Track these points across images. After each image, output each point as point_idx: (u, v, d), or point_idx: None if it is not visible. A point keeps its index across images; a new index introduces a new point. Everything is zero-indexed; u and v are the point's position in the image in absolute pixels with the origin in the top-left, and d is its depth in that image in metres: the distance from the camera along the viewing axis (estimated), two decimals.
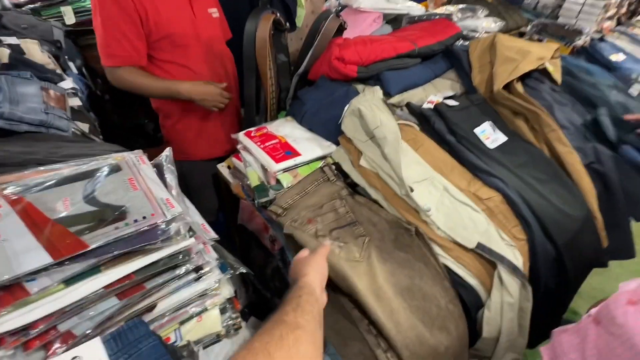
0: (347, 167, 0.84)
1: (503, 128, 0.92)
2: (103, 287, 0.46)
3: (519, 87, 0.95)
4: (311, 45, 1.05)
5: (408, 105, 0.97)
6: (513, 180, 0.76)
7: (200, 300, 0.61)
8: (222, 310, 0.65)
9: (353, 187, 0.84)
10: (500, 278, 0.63)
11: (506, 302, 0.63)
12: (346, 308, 0.64)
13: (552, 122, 0.86)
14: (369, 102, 0.81)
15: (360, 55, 0.98)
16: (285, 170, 0.85)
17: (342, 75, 0.98)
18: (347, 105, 0.84)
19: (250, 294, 1.44)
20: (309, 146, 0.91)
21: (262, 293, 1.35)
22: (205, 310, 0.62)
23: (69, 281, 0.43)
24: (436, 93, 1.05)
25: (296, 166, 0.86)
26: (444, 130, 0.86)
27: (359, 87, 1.01)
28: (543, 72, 1.04)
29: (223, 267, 0.64)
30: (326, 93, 1.00)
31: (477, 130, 0.88)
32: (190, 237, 0.53)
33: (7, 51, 0.86)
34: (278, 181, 0.84)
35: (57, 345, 0.45)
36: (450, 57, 1.14)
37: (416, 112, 0.93)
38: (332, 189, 0.81)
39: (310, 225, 0.74)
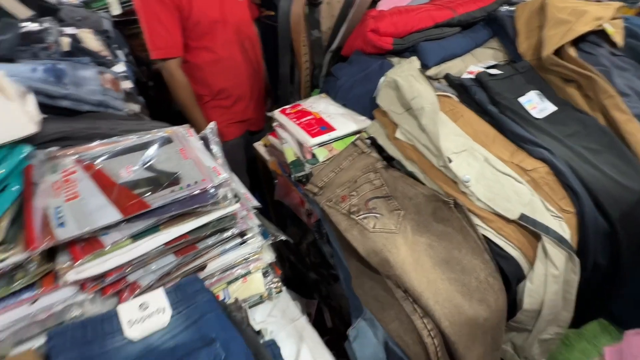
0: (383, 140, 0.83)
1: (552, 97, 0.86)
2: (163, 244, 0.51)
3: (572, 51, 0.87)
4: (344, 20, 1.04)
5: (447, 76, 0.93)
6: (561, 150, 0.72)
7: (244, 263, 0.66)
8: (265, 274, 0.69)
9: (389, 162, 0.84)
10: (544, 249, 0.61)
11: (550, 274, 0.61)
12: (382, 276, 0.65)
13: (610, 88, 0.79)
14: (405, 73, 0.80)
15: (396, 26, 0.95)
16: (321, 144, 0.86)
17: (376, 48, 0.96)
18: (382, 78, 0.83)
19: (286, 269, 1.51)
20: (344, 121, 0.92)
21: (297, 268, 1.41)
22: (249, 273, 0.67)
23: (135, 237, 0.49)
24: (476, 63, 1.00)
25: (331, 141, 0.87)
26: (485, 101, 0.82)
27: (394, 60, 0.99)
28: (601, 35, 0.95)
29: (265, 234, 0.69)
30: (360, 68, 0.99)
31: (522, 100, 0.83)
32: (236, 202, 0.57)
33: (68, 40, 0.94)
34: (314, 155, 0.86)
35: (126, 293, 0.51)
36: (493, 23, 1.07)
37: (455, 83, 0.89)
38: (367, 161, 0.81)
39: (343, 203, 0.75)
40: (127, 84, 0.94)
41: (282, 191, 1.07)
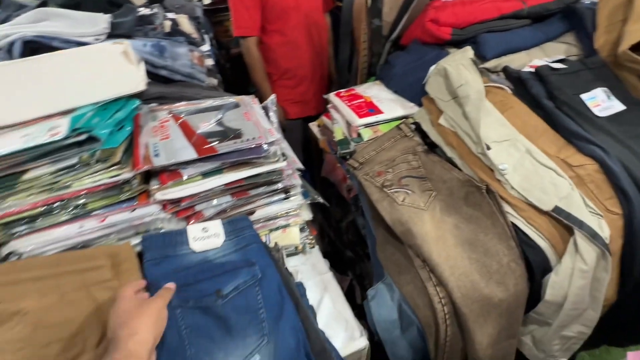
0: (427, 126, 0.87)
1: (622, 96, 0.80)
2: (223, 185, 0.64)
3: None
4: (407, 9, 1.08)
5: (504, 69, 0.92)
6: (618, 149, 0.68)
7: (285, 216, 0.77)
8: (301, 230, 0.80)
9: (431, 148, 0.87)
10: (575, 244, 0.61)
11: (578, 269, 0.60)
12: (404, 245, 0.71)
13: None
14: (456, 61, 0.82)
15: (457, 16, 0.96)
16: (367, 125, 0.93)
17: (434, 38, 0.99)
18: (434, 66, 0.86)
19: (325, 244, 1.61)
20: (392, 106, 0.97)
21: (335, 245, 1.50)
22: (288, 225, 0.78)
23: (205, 174, 0.62)
24: (543, 58, 0.96)
25: (377, 123, 0.93)
26: (541, 95, 0.81)
27: (452, 50, 1.00)
28: None
29: (305, 194, 0.79)
30: (416, 56, 1.03)
31: (584, 96, 0.80)
32: (283, 161, 0.68)
33: (169, 23, 1.14)
34: (359, 135, 0.93)
35: (192, 219, 0.65)
36: (570, 16, 1.00)
37: (512, 75, 0.88)
38: (408, 144, 0.86)
39: (378, 177, 0.81)
40: (210, 62, 1.12)
41: (329, 168, 1.16)
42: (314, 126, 1.27)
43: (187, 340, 0.47)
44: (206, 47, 1.12)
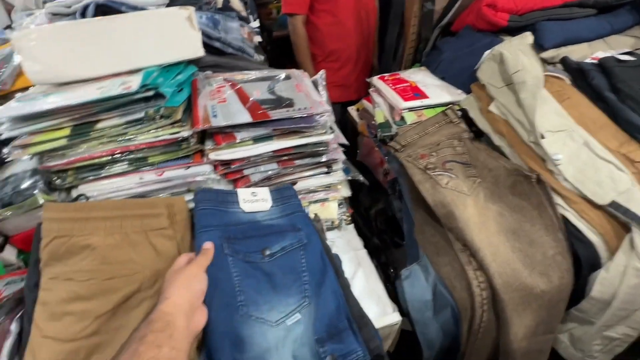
0: (474, 113, 0.85)
1: None
2: (272, 151, 0.66)
3: None
4: None
5: (563, 59, 0.87)
6: None
7: (325, 190, 0.78)
8: (339, 205, 0.81)
9: (477, 136, 0.85)
10: (631, 241, 0.58)
11: (632, 267, 0.57)
12: (443, 228, 0.70)
13: None
14: (514, 47, 0.79)
15: (516, 2, 0.92)
16: (411, 109, 0.92)
17: (490, 24, 0.95)
18: (488, 51, 0.84)
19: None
20: (438, 92, 0.95)
21: (362, 232, 1.50)
22: (327, 200, 0.79)
23: (255, 140, 0.65)
24: (607, 50, 0.90)
25: (422, 107, 0.92)
26: (603, 87, 0.76)
27: (505, 38, 0.96)
28: None
29: (347, 171, 0.79)
30: (468, 42, 1.00)
31: None
32: (331, 133, 0.69)
33: (221, 0, 1.18)
34: (402, 118, 0.93)
35: (240, 183, 0.68)
36: None
37: (572, 67, 0.84)
38: (454, 130, 0.84)
39: (422, 160, 0.81)
40: (257, 38, 1.14)
41: (365, 151, 1.16)
42: (352, 110, 1.28)
43: (239, 287, 0.50)
44: (256, 24, 1.14)
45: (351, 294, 0.56)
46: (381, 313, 0.67)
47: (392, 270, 1.03)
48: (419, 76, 1.05)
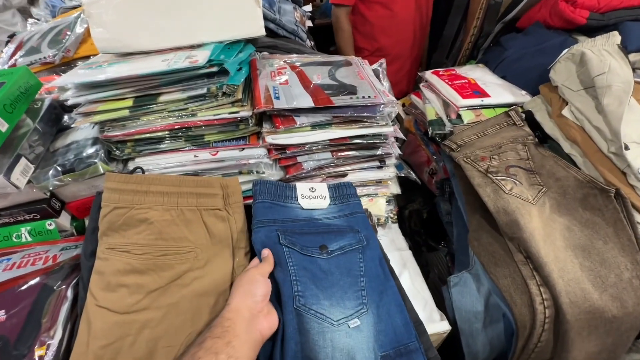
0: (542, 117, 0.79)
1: None
2: (329, 140, 0.63)
3: None
4: None
5: None
6: None
7: (376, 185, 0.75)
8: (387, 202, 0.78)
9: (540, 141, 0.79)
10: None
11: None
12: (503, 237, 0.66)
13: None
14: (598, 47, 0.72)
15: None
16: (470, 108, 0.87)
17: (565, 21, 0.87)
18: (565, 50, 0.77)
19: None
20: (500, 91, 0.89)
21: None
22: (376, 195, 0.76)
23: (314, 126, 0.62)
24: None
25: (482, 106, 0.87)
26: None
27: (581, 38, 0.88)
28: None
29: (399, 167, 0.76)
30: (536, 40, 0.92)
31: None
32: (392, 125, 0.65)
33: None
34: (459, 116, 0.87)
35: (292, 169, 0.66)
36: None
37: None
38: (516, 133, 0.79)
39: (482, 162, 0.75)
40: (309, 23, 1.11)
41: (410, 149, 1.11)
42: (397, 105, 1.23)
43: (295, 276, 0.47)
44: (308, 8, 1.11)
45: (408, 300, 0.53)
46: (428, 319, 0.64)
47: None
48: (477, 73, 0.99)
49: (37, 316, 0.49)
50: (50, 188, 0.56)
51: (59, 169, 0.56)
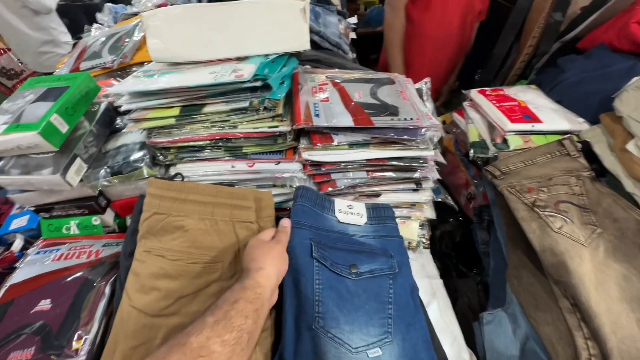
0: (601, 149, 0.72)
1: None
2: (365, 160, 0.62)
3: None
4: (600, 7, 0.89)
5: None
6: None
7: (409, 208, 0.72)
8: (420, 226, 0.75)
9: (597, 176, 0.72)
10: None
11: None
12: (547, 278, 0.60)
13: None
14: None
15: None
16: (519, 133, 0.81)
17: (636, 44, 0.80)
18: (636, 78, 0.70)
19: None
20: (554, 117, 0.83)
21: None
22: (409, 218, 0.73)
23: (352, 145, 0.61)
24: None
25: (532, 132, 0.81)
26: None
27: None
28: None
29: (437, 191, 0.73)
30: (600, 64, 0.85)
31: None
32: (434, 149, 0.62)
33: None
34: (505, 141, 0.82)
35: (326, 186, 0.65)
36: None
37: None
38: (570, 164, 0.72)
39: (528, 194, 0.70)
40: (352, 35, 1.10)
41: (447, 169, 1.06)
42: None
43: (318, 296, 0.47)
44: (353, 20, 1.10)
45: (436, 336, 0.50)
46: (456, 357, 0.60)
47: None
48: (528, 95, 0.92)
49: (78, 310, 0.52)
50: (99, 188, 0.60)
51: (108, 170, 0.59)
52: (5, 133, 0.52)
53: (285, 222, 0.52)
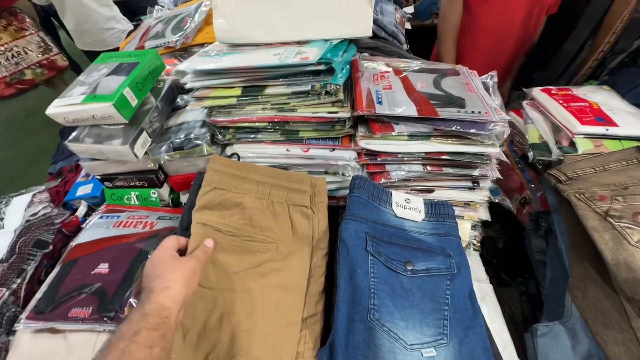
0: None
1: None
2: (424, 152, 0.60)
3: None
4: None
5: None
6: None
7: (463, 207, 0.69)
8: (473, 227, 0.71)
9: None
10: None
11: None
12: (617, 295, 0.55)
13: None
14: None
15: None
16: (589, 136, 0.75)
17: None
18: None
19: None
20: (632, 121, 0.75)
21: None
22: (462, 217, 0.70)
23: (412, 136, 0.59)
24: None
25: (606, 136, 0.74)
26: None
27: None
28: None
29: (495, 192, 0.69)
30: None
31: None
32: (500, 146, 0.59)
33: None
34: (572, 144, 0.76)
35: (379, 176, 0.63)
36: None
37: None
38: None
39: (601, 203, 0.64)
40: (407, 25, 1.06)
41: (500, 171, 1.01)
42: None
43: (374, 289, 0.46)
44: (409, 9, 1.06)
45: (495, 344, 0.48)
46: None
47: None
48: (600, 97, 0.85)
49: (130, 278, 0.55)
50: (161, 162, 0.62)
51: (171, 145, 0.61)
52: (84, 103, 0.55)
53: (209, 242, 0.49)
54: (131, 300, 0.52)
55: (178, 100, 0.72)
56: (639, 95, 0.80)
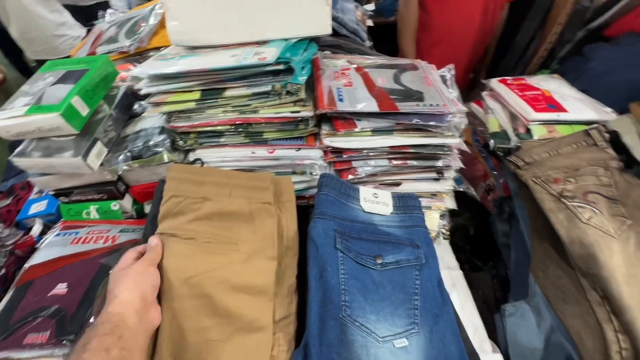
0: (631, 139, 0.70)
1: None
2: (388, 147, 0.61)
3: None
4: None
5: None
6: None
7: (430, 198, 0.71)
8: (441, 217, 0.73)
9: (626, 166, 0.70)
10: None
11: None
12: (574, 271, 0.59)
13: None
14: None
15: None
16: (543, 122, 0.79)
17: None
18: None
19: None
20: (580, 107, 0.80)
21: None
22: (429, 208, 0.72)
23: (375, 131, 0.59)
24: None
25: (557, 122, 0.78)
26: None
27: None
28: None
29: (459, 181, 0.71)
30: (628, 53, 0.82)
31: None
32: (459, 137, 0.61)
33: None
34: (528, 131, 0.80)
35: (346, 173, 0.64)
36: None
37: None
38: (598, 155, 0.70)
39: (555, 185, 0.68)
40: (369, 22, 1.07)
41: (464, 161, 1.04)
42: None
43: (344, 286, 0.46)
44: (370, 7, 1.08)
45: (464, 328, 0.49)
46: (478, 349, 0.59)
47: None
48: (552, 85, 0.90)
49: (92, 296, 0.52)
50: (120, 172, 0.59)
51: (128, 154, 0.59)
52: (27, 114, 0.52)
53: (153, 241, 0.49)
54: (92, 320, 0.49)
55: (135, 106, 0.69)
56: (587, 82, 0.85)
